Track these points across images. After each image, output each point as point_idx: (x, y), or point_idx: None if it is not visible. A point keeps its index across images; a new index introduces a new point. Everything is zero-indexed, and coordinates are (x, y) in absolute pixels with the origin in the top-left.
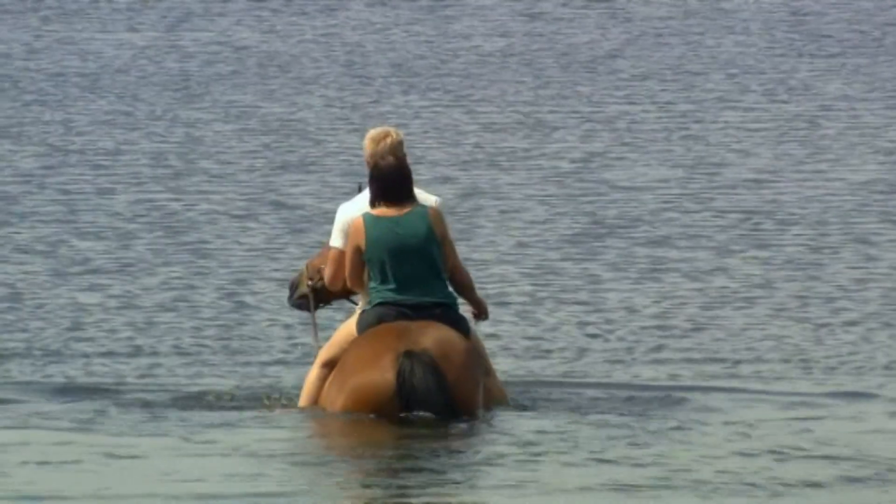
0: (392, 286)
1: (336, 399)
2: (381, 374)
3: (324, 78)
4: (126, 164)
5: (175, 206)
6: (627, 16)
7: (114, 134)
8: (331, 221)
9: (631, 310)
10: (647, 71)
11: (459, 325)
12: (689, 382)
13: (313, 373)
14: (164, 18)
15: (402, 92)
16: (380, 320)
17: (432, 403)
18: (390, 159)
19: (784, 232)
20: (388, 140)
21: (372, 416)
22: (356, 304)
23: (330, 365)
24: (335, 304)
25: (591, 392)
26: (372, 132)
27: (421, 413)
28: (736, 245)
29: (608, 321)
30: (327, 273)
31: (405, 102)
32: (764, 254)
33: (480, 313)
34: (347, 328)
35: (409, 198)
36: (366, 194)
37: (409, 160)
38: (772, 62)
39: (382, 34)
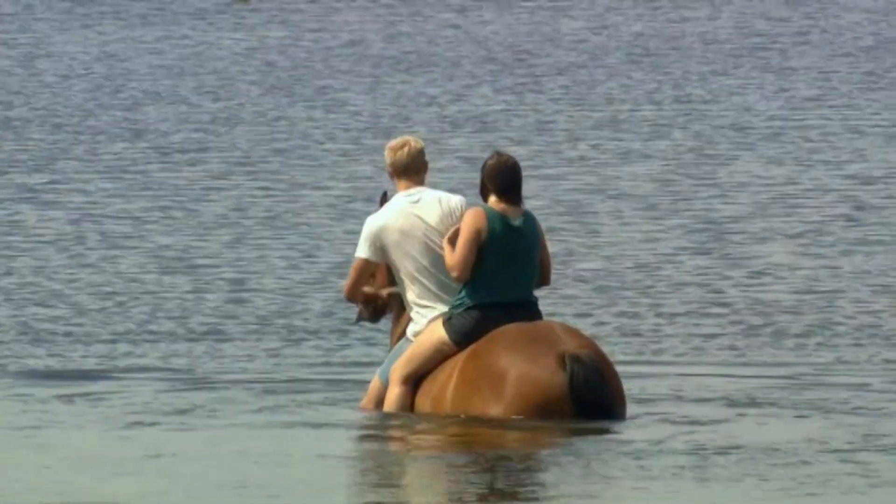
0: (492, 286)
1: (489, 402)
2: (549, 373)
3: (428, 75)
4: (225, 161)
5: (270, 201)
6: (740, 8)
7: (216, 130)
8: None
9: (743, 303)
10: (763, 64)
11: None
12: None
13: (393, 391)
14: (264, 17)
15: (506, 89)
16: (479, 324)
17: (601, 409)
18: (506, 156)
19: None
20: (406, 149)
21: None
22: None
23: (410, 381)
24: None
25: (698, 388)
26: (391, 142)
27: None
28: (845, 240)
29: (723, 314)
30: (347, 283)
31: (508, 100)
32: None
33: None
34: (431, 339)
35: (521, 198)
36: (392, 202)
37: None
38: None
39: (483, 30)
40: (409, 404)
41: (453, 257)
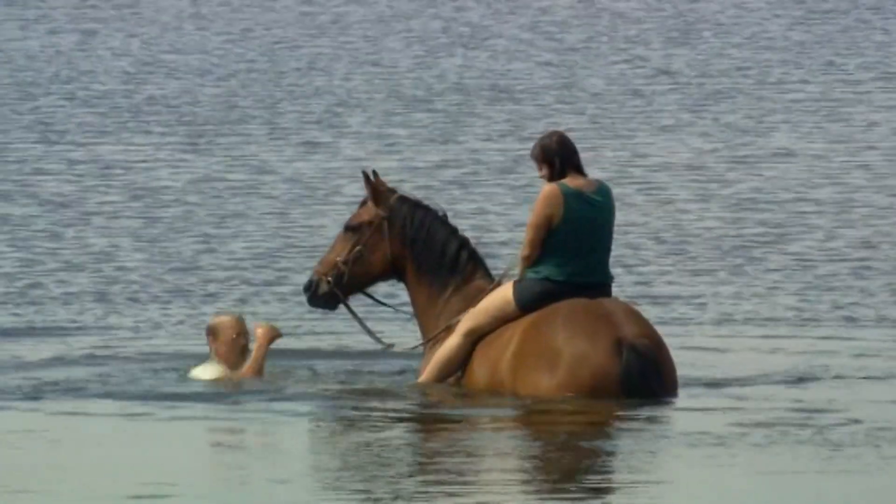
0: (569, 264)
1: (542, 376)
2: (604, 357)
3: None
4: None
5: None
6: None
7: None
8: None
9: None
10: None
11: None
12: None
13: (452, 341)
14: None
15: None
16: (547, 296)
17: (652, 396)
18: (557, 132)
19: None
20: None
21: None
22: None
23: (473, 336)
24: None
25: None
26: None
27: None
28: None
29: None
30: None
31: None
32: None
33: None
34: (498, 298)
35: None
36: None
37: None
38: None
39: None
40: (463, 357)
41: (524, 239)
